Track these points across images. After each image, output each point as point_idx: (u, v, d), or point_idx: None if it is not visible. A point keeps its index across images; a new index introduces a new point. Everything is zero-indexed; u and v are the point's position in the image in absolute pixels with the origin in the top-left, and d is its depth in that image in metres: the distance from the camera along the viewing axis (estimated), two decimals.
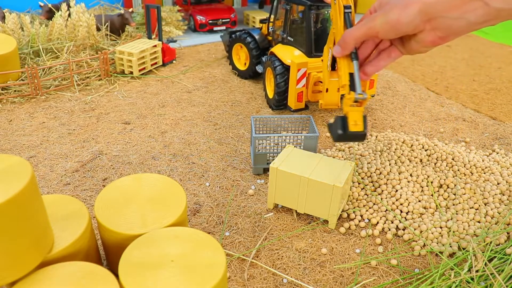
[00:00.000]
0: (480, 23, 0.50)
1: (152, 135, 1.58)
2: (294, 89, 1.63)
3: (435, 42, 0.54)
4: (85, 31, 2.17)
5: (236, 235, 1.10)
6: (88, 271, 0.75)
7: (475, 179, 1.31)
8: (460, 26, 0.51)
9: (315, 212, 1.13)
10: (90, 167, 1.37)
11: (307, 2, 1.62)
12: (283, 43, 1.81)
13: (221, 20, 2.97)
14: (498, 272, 0.92)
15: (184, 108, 1.80)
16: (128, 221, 0.87)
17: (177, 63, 2.35)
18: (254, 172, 1.35)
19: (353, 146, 1.48)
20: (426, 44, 0.54)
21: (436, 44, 0.54)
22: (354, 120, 0.80)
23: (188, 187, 1.29)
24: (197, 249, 0.79)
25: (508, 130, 1.70)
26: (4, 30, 2.06)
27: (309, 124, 1.44)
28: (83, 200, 1.22)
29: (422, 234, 1.10)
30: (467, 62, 2.53)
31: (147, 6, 2.26)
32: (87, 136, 1.55)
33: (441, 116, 1.81)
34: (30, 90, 1.83)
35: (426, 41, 0.53)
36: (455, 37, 0.53)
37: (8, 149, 1.46)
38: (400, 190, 1.23)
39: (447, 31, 0.51)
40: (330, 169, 1.12)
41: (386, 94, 2.01)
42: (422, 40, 0.54)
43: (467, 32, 0.52)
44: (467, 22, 0.50)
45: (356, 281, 0.97)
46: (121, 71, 2.11)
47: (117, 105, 1.80)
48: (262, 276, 0.98)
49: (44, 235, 0.77)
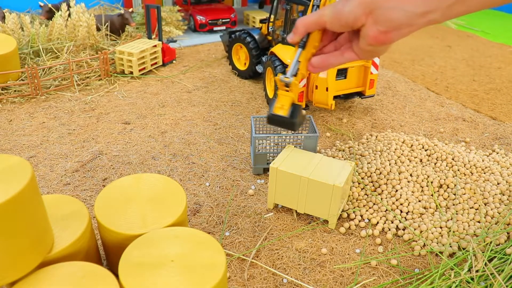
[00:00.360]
0: (421, 14, 0.47)
1: (152, 135, 1.58)
2: None
3: (378, 38, 0.51)
4: (85, 31, 2.17)
5: (236, 235, 1.10)
6: (88, 271, 0.75)
7: (475, 179, 1.31)
8: (399, 18, 0.48)
9: (315, 212, 1.13)
10: (90, 167, 1.37)
11: (307, 2, 1.62)
12: (283, 43, 1.81)
13: (221, 20, 2.97)
14: (498, 272, 0.92)
15: (184, 108, 1.80)
16: (128, 221, 0.87)
17: (177, 63, 2.35)
18: (254, 172, 1.35)
19: (353, 146, 1.48)
20: (369, 40, 0.52)
21: (380, 41, 0.51)
22: (281, 103, 0.79)
23: (188, 187, 1.29)
24: (197, 249, 0.79)
25: (508, 130, 1.70)
26: (4, 30, 2.06)
27: (309, 124, 1.44)
28: (83, 200, 1.22)
29: (422, 234, 1.10)
30: (467, 62, 2.53)
31: (147, 6, 2.26)
32: (87, 136, 1.55)
33: (441, 116, 1.81)
34: (30, 90, 1.83)
35: (368, 37, 0.51)
36: (397, 32, 0.50)
37: (8, 149, 1.46)
38: (400, 190, 1.23)
39: (386, 23, 0.49)
40: (330, 169, 1.12)
41: (386, 94, 2.01)
42: (366, 35, 0.52)
43: (409, 27, 0.49)
44: (405, 12, 0.48)
45: (356, 281, 0.97)
46: (121, 71, 2.11)
47: (117, 105, 1.80)
48: (262, 276, 0.98)
49: (44, 235, 0.77)
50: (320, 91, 1.54)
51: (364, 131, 1.64)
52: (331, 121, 1.72)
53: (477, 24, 3.46)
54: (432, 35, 3.10)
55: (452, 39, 3.01)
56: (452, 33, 3.18)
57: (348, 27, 0.53)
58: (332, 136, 1.60)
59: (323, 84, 1.53)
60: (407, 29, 0.50)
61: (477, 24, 3.48)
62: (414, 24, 0.49)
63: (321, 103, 1.61)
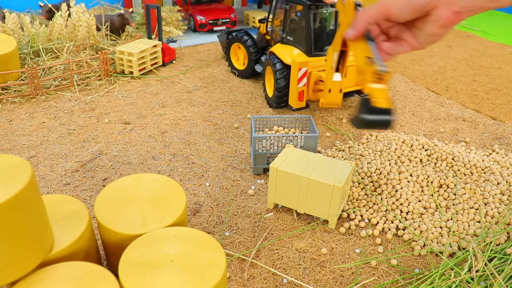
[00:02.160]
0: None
1: (152, 135, 1.58)
2: (295, 88, 1.63)
3: (451, 19, 0.51)
4: (85, 31, 2.17)
5: (236, 235, 1.10)
6: (88, 271, 0.75)
7: (475, 179, 1.31)
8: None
9: (315, 212, 1.13)
10: (90, 167, 1.37)
11: (306, 2, 1.62)
12: (283, 43, 1.81)
13: (221, 20, 2.97)
14: (498, 272, 0.92)
15: (184, 108, 1.80)
16: (128, 221, 0.87)
17: (177, 63, 2.35)
18: (254, 172, 1.35)
19: (353, 146, 1.48)
20: (443, 22, 0.51)
21: (453, 22, 0.51)
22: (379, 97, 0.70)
23: (188, 187, 1.29)
24: (197, 249, 0.79)
25: (508, 130, 1.70)
26: (4, 30, 2.06)
27: (309, 124, 1.44)
28: (83, 200, 1.22)
29: (422, 234, 1.10)
30: (467, 62, 2.53)
31: (147, 6, 2.26)
32: (87, 136, 1.55)
33: (441, 116, 1.81)
34: (30, 90, 1.83)
35: (442, 19, 0.51)
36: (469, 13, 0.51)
37: (8, 149, 1.46)
38: (400, 190, 1.23)
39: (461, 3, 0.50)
40: (330, 169, 1.12)
41: None
42: (438, 18, 0.51)
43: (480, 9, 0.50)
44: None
45: (356, 281, 0.97)
46: (121, 71, 2.11)
47: (117, 105, 1.80)
48: (262, 276, 0.98)
49: (44, 235, 0.77)
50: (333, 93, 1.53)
51: (364, 131, 1.64)
52: (331, 121, 1.72)
53: (477, 24, 3.46)
54: None
55: (452, 39, 3.01)
56: (452, 33, 3.18)
57: (419, 12, 0.53)
58: (332, 136, 1.60)
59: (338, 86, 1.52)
60: (478, 10, 0.50)
61: (477, 24, 3.48)
62: (485, 7, 0.50)
63: (332, 104, 1.60)
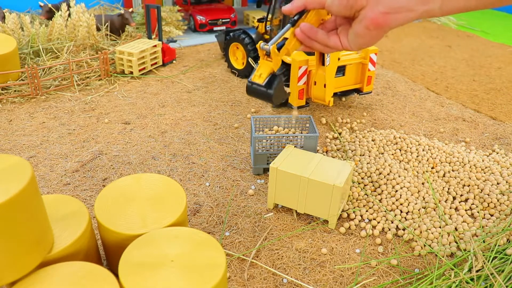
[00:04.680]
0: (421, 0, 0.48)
1: (152, 135, 1.58)
2: (296, 87, 1.63)
3: (377, 20, 0.51)
4: (85, 31, 2.17)
5: (236, 235, 1.10)
6: (88, 271, 0.75)
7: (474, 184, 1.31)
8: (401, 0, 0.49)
9: (315, 212, 1.13)
10: (90, 167, 1.37)
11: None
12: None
13: (221, 20, 2.97)
14: (498, 272, 0.92)
15: (184, 108, 1.80)
16: (128, 221, 0.87)
17: (177, 63, 2.35)
18: (254, 172, 1.35)
19: (345, 146, 1.48)
20: (367, 22, 0.51)
21: (378, 24, 0.51)
22: (260, 71, 0.77)
23: (188, 187, 1.29)
24: (197, 249, 0.79)
25: (508, 130, 1.70)
26: (4, 30, 2.06)
27: (309, 124, 1.44)
28: (83, 200, 1.22)
29: (422, 234, 1.10)
30: (467, 62, 2.53)
31: (147, 6, 2.26)
32: (87, 136, 1.55)
33: (441, 116, 1.81)
34: (30, 90, 1.83)
35: (367, 19, 0.51)
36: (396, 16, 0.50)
37: (8, 149, 1.45)
38: (400, 190, 1.23)
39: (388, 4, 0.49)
40: (330, 169, 1.12)
41: (386, 94, 2.01)
42: (364, 17, 0.51)
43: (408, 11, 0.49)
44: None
45: (356, 281, 0.97)
46: (121, 71, 2.11)
47: (117, 105, 1.80)
48: (262, 276, 0.98)
49: (44, 235, 0.77)
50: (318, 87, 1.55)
51: (364, 131, 1.64)
52: (331, 121, 1.72)
53: (477, 24, 3.46)
54: (432, 35, 3.10)
55: (452, 39, 3.01)
56: (452, 33, 3.18)
57: (348, 8, 0.53)
58: (332, 136, 1.60)
59: (322, 80, 1.54)
60: (405, 13, 0.50)
61: (477, 24, 3.48)
62: (413, 10, 0.49)
63: (319, 98, 1.62)
